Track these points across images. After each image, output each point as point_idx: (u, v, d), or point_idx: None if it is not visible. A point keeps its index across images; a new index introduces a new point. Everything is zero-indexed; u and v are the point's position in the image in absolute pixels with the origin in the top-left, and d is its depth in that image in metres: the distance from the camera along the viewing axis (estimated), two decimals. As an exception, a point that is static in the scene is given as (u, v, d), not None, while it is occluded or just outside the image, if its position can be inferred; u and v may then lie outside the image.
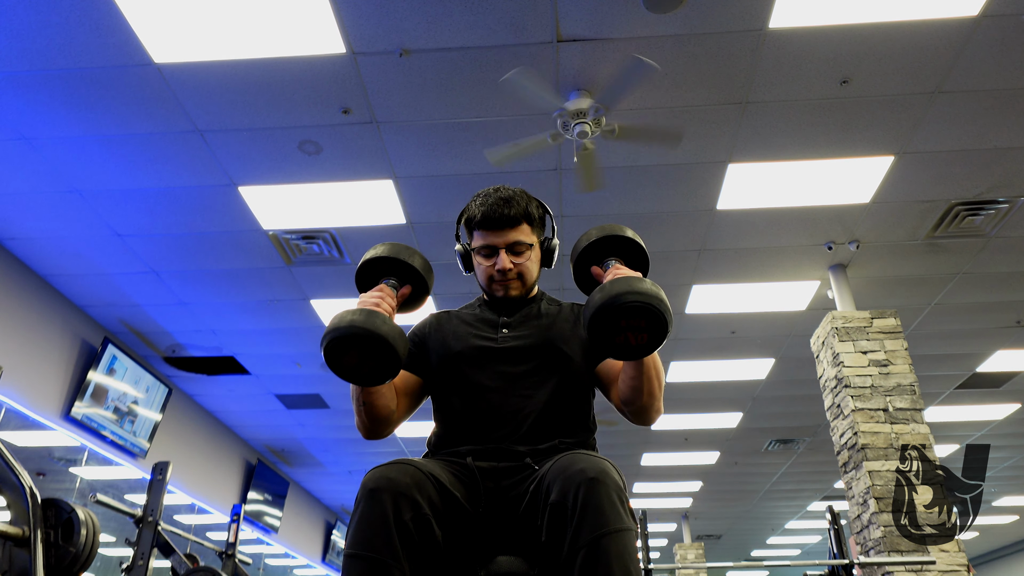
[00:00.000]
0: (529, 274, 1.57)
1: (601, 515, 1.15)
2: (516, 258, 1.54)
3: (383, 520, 1.19)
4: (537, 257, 1.59)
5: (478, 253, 1.56)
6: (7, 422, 5.29)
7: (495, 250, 1.53)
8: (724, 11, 3.41)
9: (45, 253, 5.21)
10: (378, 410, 1.43)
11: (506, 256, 1.53)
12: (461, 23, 3.45)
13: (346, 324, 1.26)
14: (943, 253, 5.27)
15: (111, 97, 3.83)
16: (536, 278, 1.61)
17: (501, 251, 1.53)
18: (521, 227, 1.54)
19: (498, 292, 1.56)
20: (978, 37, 3.55)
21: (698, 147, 4.28)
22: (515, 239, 1.53)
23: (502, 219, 1.51)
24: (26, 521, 2.18)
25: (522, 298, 1.59)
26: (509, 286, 1.55)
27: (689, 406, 8.13)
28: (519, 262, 1.54)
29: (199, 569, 3.58)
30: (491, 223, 1.52)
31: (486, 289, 1.59)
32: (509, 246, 1.53)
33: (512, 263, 1.53)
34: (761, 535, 14.75)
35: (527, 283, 1.58)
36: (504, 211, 1.51)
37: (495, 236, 1.53)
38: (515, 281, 1.55)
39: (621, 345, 1.26)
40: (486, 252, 1.54)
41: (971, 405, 8.11)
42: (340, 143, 4.19)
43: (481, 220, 1.53)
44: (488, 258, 1.55)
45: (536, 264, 1.60)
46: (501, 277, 1.54)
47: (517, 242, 1.53)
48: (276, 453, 9.45)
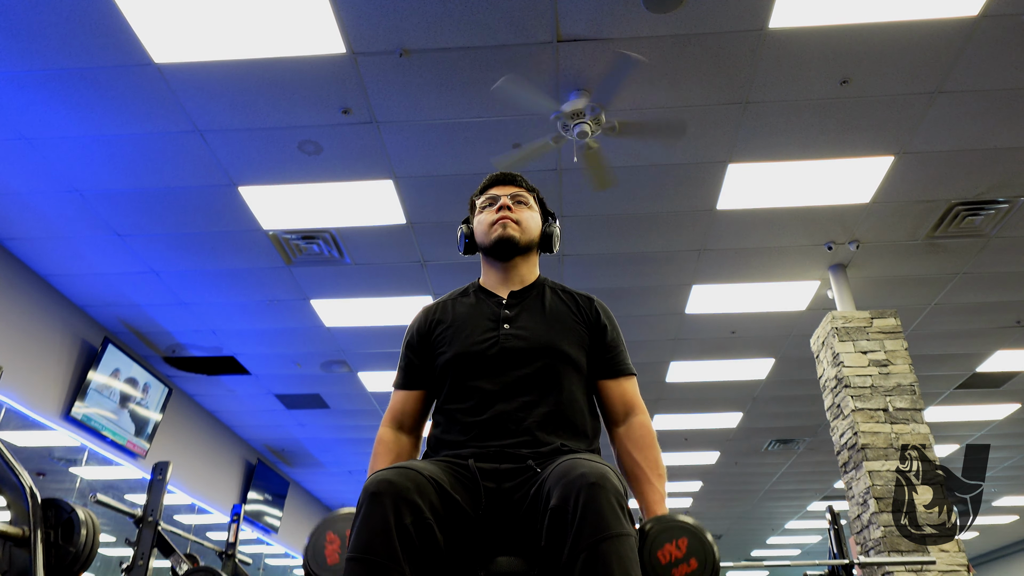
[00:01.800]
0: (528, 226, 1.62)
1: (602, 520, 1.15)
2: (517, 208, 1.62)
3: (384, 524, 1.19)
4: (538, 222, 1.66)
5: (481, 210, 1.64)
6: (7, 422, 5.29)
7: (498, 198, 1.62)
8: (724, 11, 3.41)
9: (45, 253, 5.21)
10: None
11: (508, 200, 1.62)
12: (461, 23, 3.45)
13: None
14: (943, 253, 5.27)
15: (111, 97, 3.83)
16: (535, 241, 1.64)
17: (503, 196, 1.62)
18: (524, 189, 1.66)
19: (495, 232, 1.59)
20: (978, 37, 3.55)
21: (698, 147, 4.27)
22: (517, 192, 1.64)
23: (506, 178, 1.67)
24: (26, 521, 2.17)
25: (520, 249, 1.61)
26: (508, 225, 1.59)
27: (689, 406, 8.13)
28: (520, 211, 1.62)
29: (199, 569, 3.58)
30: (496, 180, 1.67)
31: (485, 240, 1.61)
32: (511, 195, 1.63)
33: (513, 208, 1.61)
34: (761, 535, 14.75)
35: (526, 233, 1.62)
36: (509, 173, 1.68)
37: (499, 188, 1.65)
38: (514, 224, 1.60)
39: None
40: (490, 204, 1.63)
41: (971, 405, 8.11)
42: (340, 143, 4.19)
43: (487, 182, 1.67)
44: (491, 209, 1.62)
45: (536, 227, 1.65)
46: (501, 215, 1.59)
47: (519, 195, 1.64)
48: (276, 453, 9.45)
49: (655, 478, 1.46)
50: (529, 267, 1.65)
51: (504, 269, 1.62)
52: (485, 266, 1.66)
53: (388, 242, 5.09)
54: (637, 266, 5.44)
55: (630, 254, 5.30)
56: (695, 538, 1.27)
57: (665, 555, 1.26)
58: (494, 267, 1.64)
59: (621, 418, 1.55)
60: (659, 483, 1.46)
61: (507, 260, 1.61)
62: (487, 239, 1.60)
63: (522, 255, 1.63)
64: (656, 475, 1.46)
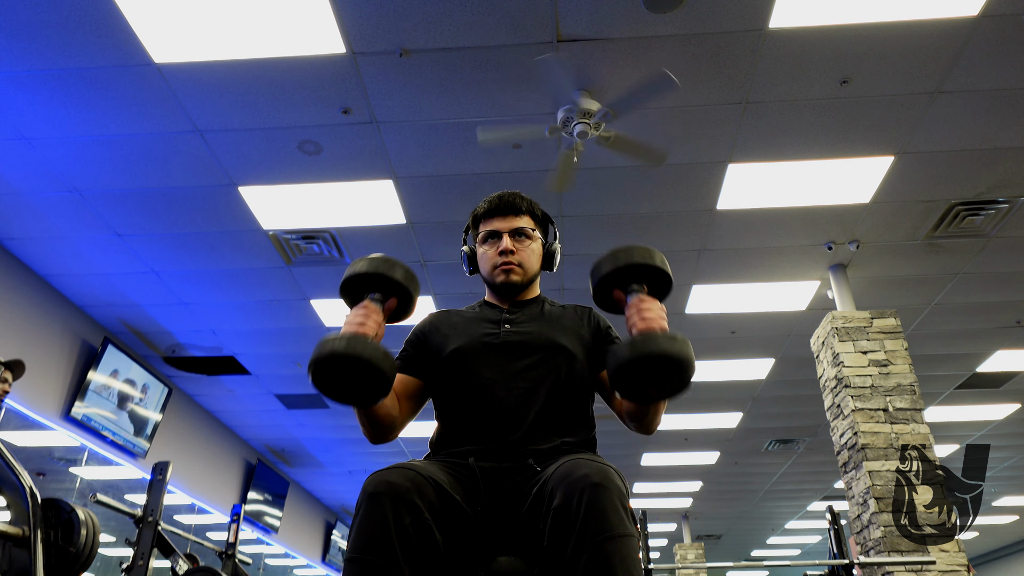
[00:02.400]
0: (530, 264, 1.62)
1: (605, 520, 1.15)
2: (519, 244, 1.60)
3: (383, 525, 1.20)
4: (539, 253, 1.65)
5: (483, 242, 1.63)
6: (7, 422, 5.29)
7: (499, 235, 1.60)
8: (724, 11, 3.41)
9: (45, 253, 5.22)
10: (380, 419, 1.45)
11: (509, 239, 1.59)
12: (461, 23, 3.45)
13: (327, 352, 1.27)
14: (943, 253, 5.27)
15: (111, 97, 3.83)
16: (537, 273, 1.65)
17: (504, 235, 1.60)
18: (525, 217, 1.63)
19: (499, 278, 1.59)
20: (978, 37, 3.55)
21: (698, 147, 4.27)
22: (519, 226, 1.61)
23: (507, 206, 1.62)
24: (26, 521, 2.17)
25: (523, 287, 1.62)
26: (511, 270, 1.59)
27: (689, 406, 8.13)
28: (522, 248, 1.61)
29: (199, 569, 3.58)
30: (497, 210, 1.62)
31: (489, 279, 1.62)
32: (513, 231, 1.61)
33: (514, 247, 1.59)
34: (761, 535, 14.75)
35: (528, 272, 1.62)
36: (510, 200, 1.63)
37: (500, 222, 1.61)
38: (517, 267, 1.60)
39: (642, 395, 1.32)
40: (491, 238, 1.61)
41: (971, 405, 8.11)
42: (340, 143, 4.19)
43: (488, 209, 1.63)
44: (493, 244, 1.61)
45: (537, 258, 1.64)
46: (504, 259, 1.58)
47: (520, 229, 1.61)
48: (276, 453, 9.45)
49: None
50: (531, 290, 1.67)
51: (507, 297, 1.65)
52: (488, 289, 1.69)
53: (388, 242, 5.09)
54: (637, 266, 5.43)
55: (630, 254, 5.29)
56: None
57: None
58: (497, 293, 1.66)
59: None
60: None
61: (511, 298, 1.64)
62: (490, 279, 1.62)
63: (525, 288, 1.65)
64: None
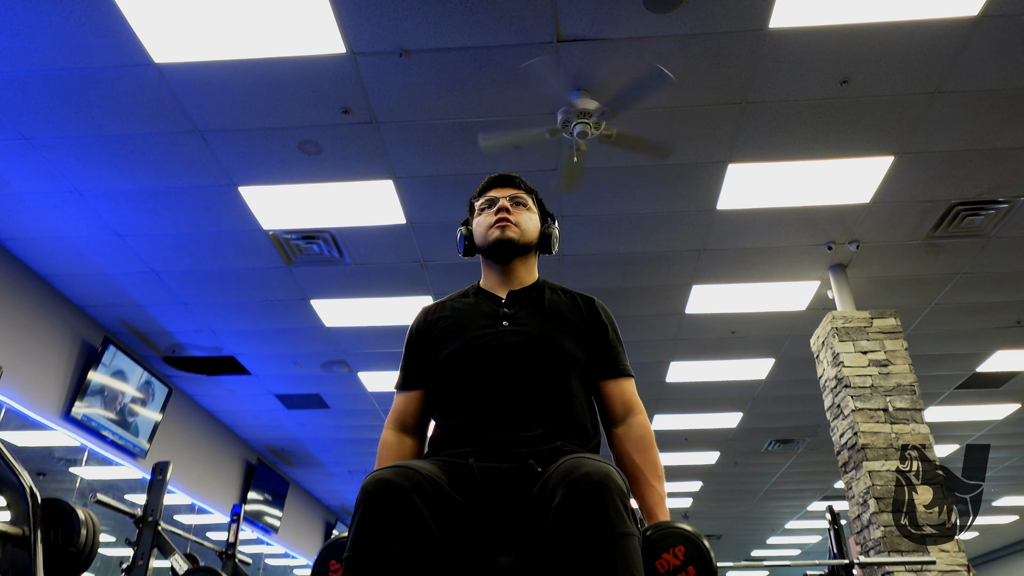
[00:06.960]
0: (527, 228, 1.64)
1: (607, 520, 1.15)
2: (516, 209, 1.64)
3: (381, 524, 1.20)
4: (536, 225, 1.67)
5: (479, 212, 1.66)
6: (7, 422, 5.29)
7: (496, 200, 1.64)
8: (724, 11, 3.41)
9: (45, 253, 5.21)
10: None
11: (506, 202, 1.63)
12: (461, 23, 3.45)
13: None
14: (943, 253, 5.27)
15: (111, 97, 3.83)
16: (533, 242, 1.66)
17: (502, 199, 1.64)
18: (522, 190, 1.68)
19: (494, 234, 1.60)
20: (978, 37, 3.55)
21: (698, 147, 4.27)
22: (516, 194, 1.66)
23: (504, 179, 1.68)
24: (26, 521, 2.17)
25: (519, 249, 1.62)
26: (506, 226, 1.60)
27: (689, 406, 8.13)
28: (519, 213, 1.64)
29: (199, 569, 3.58)
30: (495, 182, 1.68)
31: (484, 243, 1.63)
32: (509, 197, 1.65)
33: (511, 209, 1.63)
34: (761, 535, 14.75)
35: (525, 235, 1.63)
36: (507, 174, 1.69)
37: (497, 191, 1.66)
38: (512, 226, 1.61)
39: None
40: (489, 206, 1.64)
41: (971, 405, 8.11)
42: (340, 143, 4.19)
43: (486, 184, 1.69)
44: (489, 211, 1.64)
45: (535, 228, 1.66)
46: (499, 216, 1.61)
47: (517, 196, 1.65)
48: (276, 453, 9.45)
49: (655, 480, 1.47)
50: (528, 268, 1.66)
51: (503, 271, 1.64)
52: (484, 268, 1.68)
53: (388, 242, 5.09)
54: (637, 266, 5.44)
55: (630, 254, 5.30)
56: (692, 545, 1.28)
57: (663, 564, 1.27)
58: (493, 269, 1.65)
59: (620, 418, 1.56)
60: (658, 484, 1.47)
61: (506, 263, 1.63)
62: (485, 241, 1.62)
63: (521, 256, 1.64)
64: (655, 477, 1.47)
